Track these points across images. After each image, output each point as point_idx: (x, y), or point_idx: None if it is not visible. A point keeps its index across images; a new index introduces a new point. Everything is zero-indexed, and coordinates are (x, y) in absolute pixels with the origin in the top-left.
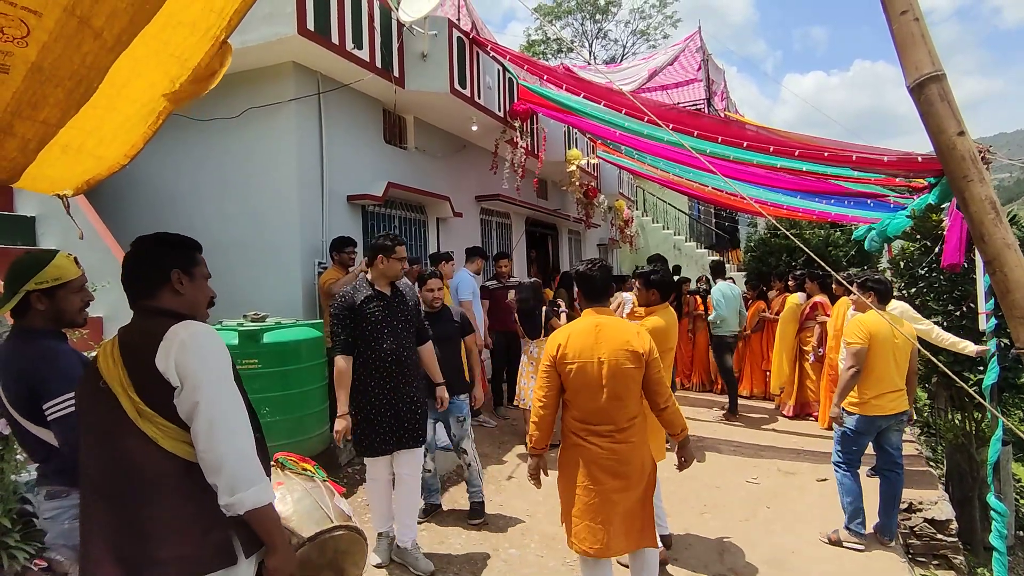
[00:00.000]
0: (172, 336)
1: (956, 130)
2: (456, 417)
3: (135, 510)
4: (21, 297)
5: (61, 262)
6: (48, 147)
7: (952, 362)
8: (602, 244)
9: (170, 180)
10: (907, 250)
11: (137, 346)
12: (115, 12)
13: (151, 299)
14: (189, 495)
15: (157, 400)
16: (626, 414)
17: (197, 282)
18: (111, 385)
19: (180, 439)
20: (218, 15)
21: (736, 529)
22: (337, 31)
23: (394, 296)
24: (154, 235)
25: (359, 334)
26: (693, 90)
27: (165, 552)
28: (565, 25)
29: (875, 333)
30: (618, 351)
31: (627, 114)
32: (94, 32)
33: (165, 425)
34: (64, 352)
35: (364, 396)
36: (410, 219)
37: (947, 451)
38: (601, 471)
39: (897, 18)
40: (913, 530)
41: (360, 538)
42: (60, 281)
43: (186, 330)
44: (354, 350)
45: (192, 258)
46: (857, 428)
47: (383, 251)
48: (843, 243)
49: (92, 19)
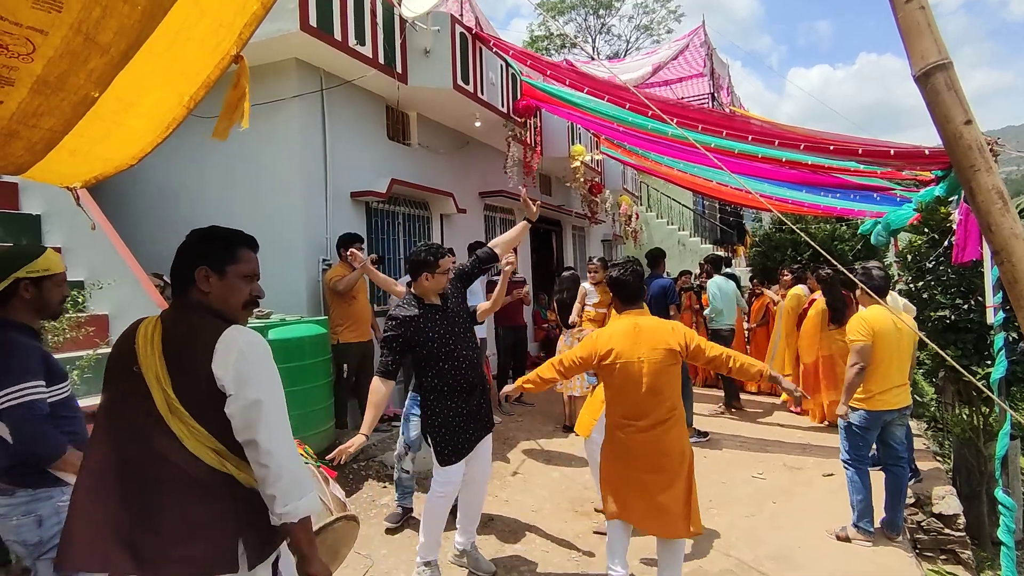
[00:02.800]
0: (230, 342)
1: (963, 119)
2: None
3: (155, 504)
4: (9, 284)
5: (51, 255)
6: (56, 149)
7: (960, 356)
8: (606, 240)
9: (174, 177)
10: (914, 243)
11: (184, 344)
12: (122, 29)
13: (185, 293)
14: (206, 498)
15: (193, 401)
16: (667, 407)
17: (228, 281)
18: (145, 374)
19: (206, 443)
20: (228, 29)
21: (742, 525)
22: (340, 27)
23: (444, 303)
24: (203, 229)
25: (423, 353)
26: (697, 85)
27: (179, 551)
28: (568, 21)
29: (878, 329)
30: (655, 350)
31: (631, 109)
32: (101, 48)
33: (194, 427)
34: (27, 347)
35: (443, 406)
36: (414, 216)
37: (954, 446)
38: (642, 461)
39: (902, 7)
40: (920, 525)
41: (355, 524)
42: (49, 272)
43: (243, 337)
44: (396, 375)
45: (228, 255)
46: (863, 424)
47: (427, 268)
48: (849, 237)
49: (99, 36)
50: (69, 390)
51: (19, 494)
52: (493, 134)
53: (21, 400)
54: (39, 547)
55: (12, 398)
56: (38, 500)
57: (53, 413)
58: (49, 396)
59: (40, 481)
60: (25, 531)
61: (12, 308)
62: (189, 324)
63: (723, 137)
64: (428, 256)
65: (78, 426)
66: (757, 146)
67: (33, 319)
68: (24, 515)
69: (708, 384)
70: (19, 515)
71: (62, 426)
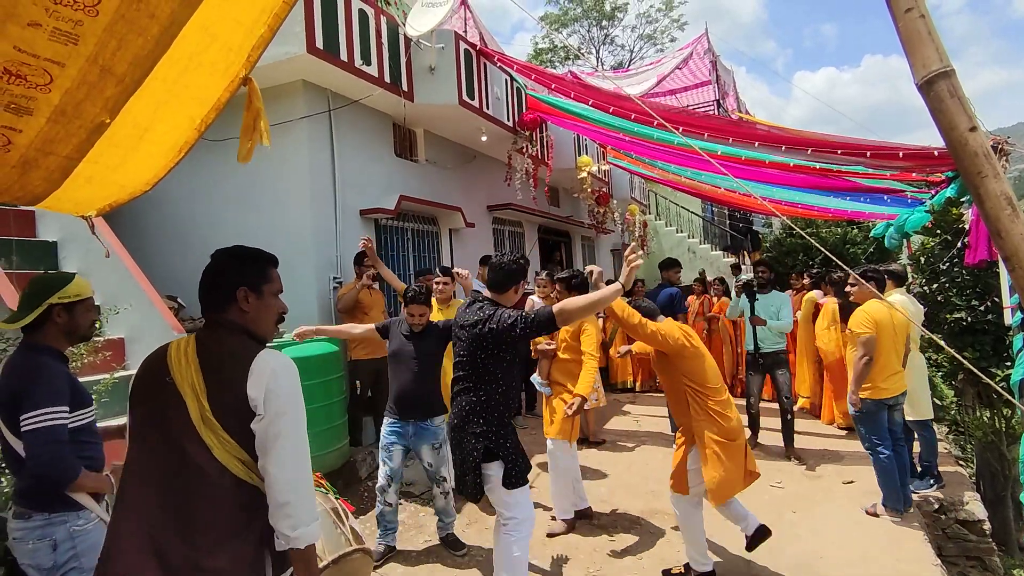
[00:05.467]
0: (263, 365)
1: (967, 126)
2: (431, 445)
3: (185, 514)
4: (43, 311)
5: (81, 281)
6: (73, 177)
7: (978, 358)
8: (615, 249)
9: (186, 200)
10: (927, 245)
11: (222, 361)
12: (137, 59)
13: (221, 312)
14: (234, 509)
15: (225, 414)
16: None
17: (265, 299)
18: (179, 384)
19: (235, 455)
20: (236, 53)
21: None
22: (346, 48)
23: None
24: (230, 249)
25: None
26: (703, 93)
27: (209, 562)
28: (572, 32)
29: (880, 321)
30: None
31: (636, 120)
32: (117, 78)
33: (225, 438)
34: (57, 371)
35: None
36: (423, 231)
37: (977, 449)
38: None
39: (902, 16)
40: (944, 532)
41: (370, 559)
42: (80, 297)
43: (276, 360)
44: None
45: (262, 274)
46: (872, 409)
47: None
48: (861, 240)
49: (115, 67)
50: (93, 415)
51: (35, 518)
52: (499, 148)
53: (43, 424)
54: (52, 572)
55: (36, 421)
56: (53, 525)
57: (74, 438)
58: (72, 421)
59: (56, 505)
60: (40, 555)
61: (45, 333)
62: (228, 342)
63: (729, 144)
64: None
65: (96, 451)
66: (764, 152)
67: (64, 343)
68: (39, 539)
69: None
70: (34, 539)
71: (81, 451)
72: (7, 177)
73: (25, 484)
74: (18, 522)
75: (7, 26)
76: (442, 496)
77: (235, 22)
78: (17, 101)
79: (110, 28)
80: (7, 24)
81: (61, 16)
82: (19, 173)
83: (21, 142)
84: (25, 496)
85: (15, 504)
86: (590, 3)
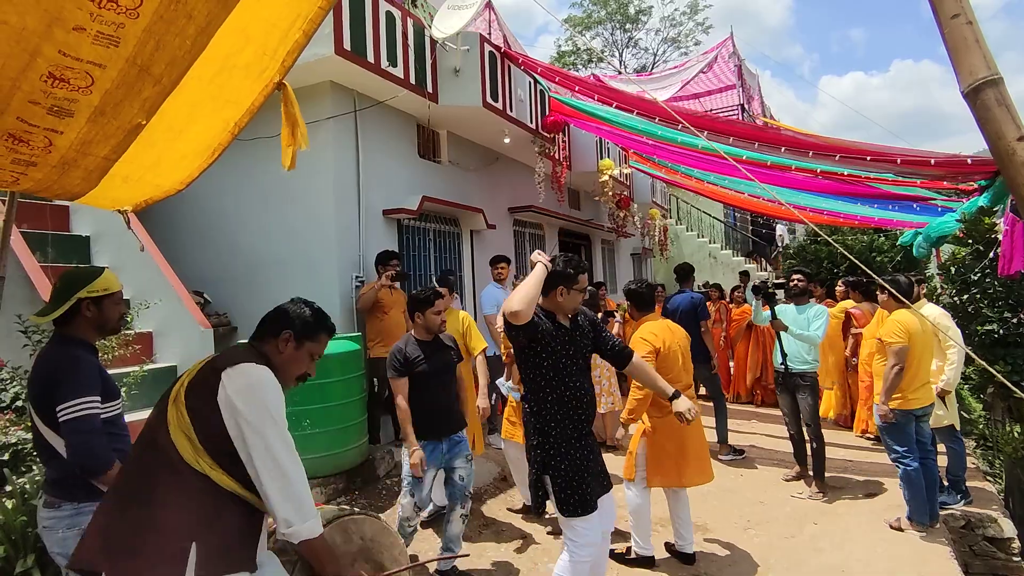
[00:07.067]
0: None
1: (1016, 135)
2: (465, 456)
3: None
4: (72, 304)
5: (109, 275)
6: (110, 176)
7: (1009, 371)
8: (635, 254)
9: (214, 198)
10: (958, 255)
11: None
12: (174, 60)
13: (261, 340)
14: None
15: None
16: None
17: (300, 353)
18: (171, 391)
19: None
20: (271, 57)
21: (782, 546)
22: (372, 50)
23: (574, 329)
24: (308, 301)
25: (548, 364)
26: (727, 97)
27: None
28: (595, 35)
29: (913, 331)
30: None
31: (660, 122)
32: (154, 79)
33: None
34: (88, 363)
35: (568, 443)
36: (444, 232)
37: (1006, 465)
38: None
39: (948, 22)
40: (972, 548)
41: (384, 526)
42: (108, 292)
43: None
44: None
45: (312, 333)
46: (901, 421)
47: (565, 281)
48: (888, 248)
49: (152, 67)
50: (120, 408)
51: (64, 507)
52: (522, 150)
53: (80, 413)
54: None
55: (74, 410)
56: (82, 514)
57: (104, 429)
58: (103, 412)
59: (85, 495)
60: (69, 544)
61: (75, 326)
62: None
63: (755, 150)
64: (568, 269)
65: (124, 443)
66: (790, 158)
67: (94, 336)
68: (68, 528)
69: (740, 401)
70: (64, 528)
71: (111, 443)
72: (47, 176)
73: (56, 474)
74: (48, 511)
75: (53, 31)
76: (460, 520)
77: (270, 25)
78: (60, 104)
79: (149, 29)
80: (53, 29)
81: (104, 20)
82: (59, 173)
83: (62, 143)
84: (55, 485)
85: (46, 493)
86: (614, 6)
